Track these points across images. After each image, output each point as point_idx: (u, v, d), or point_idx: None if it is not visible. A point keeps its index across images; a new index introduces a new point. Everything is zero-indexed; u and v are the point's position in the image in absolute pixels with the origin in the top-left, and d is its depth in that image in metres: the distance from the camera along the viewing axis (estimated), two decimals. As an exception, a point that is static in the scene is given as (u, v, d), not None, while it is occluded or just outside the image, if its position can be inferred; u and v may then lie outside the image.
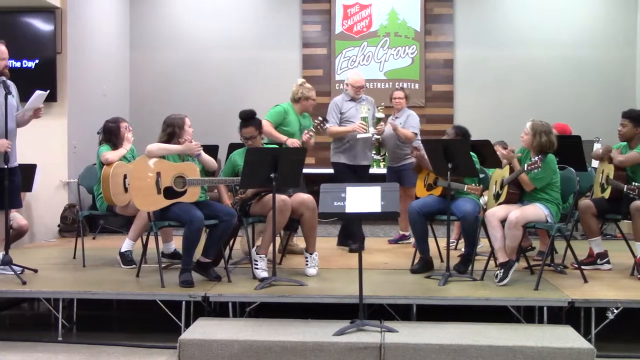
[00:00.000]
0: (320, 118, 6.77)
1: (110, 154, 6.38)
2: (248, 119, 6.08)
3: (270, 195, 5.61)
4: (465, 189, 5.88)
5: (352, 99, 7.19)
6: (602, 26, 10.73)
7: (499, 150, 6.49)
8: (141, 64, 11.04)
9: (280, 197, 5.67)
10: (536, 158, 5.49)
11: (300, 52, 11.00)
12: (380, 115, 7.04)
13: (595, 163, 6.85)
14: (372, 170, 9.22)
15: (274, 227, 5.55)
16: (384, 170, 8.43)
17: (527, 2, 10.88)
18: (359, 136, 6.95)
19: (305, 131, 6.66)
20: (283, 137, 6.63)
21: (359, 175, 7.11)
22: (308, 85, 6.98)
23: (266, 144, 6.48)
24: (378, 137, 7.47)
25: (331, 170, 7.34)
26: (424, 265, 6.04)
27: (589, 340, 4.76)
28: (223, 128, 5.94)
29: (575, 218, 6.23)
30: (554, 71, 10.71)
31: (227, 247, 6.25)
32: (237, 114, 6.12)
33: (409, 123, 7.56)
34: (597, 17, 10.78)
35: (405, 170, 7.47)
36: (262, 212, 5.92)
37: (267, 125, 6.57)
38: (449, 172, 5.68)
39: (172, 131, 5.73)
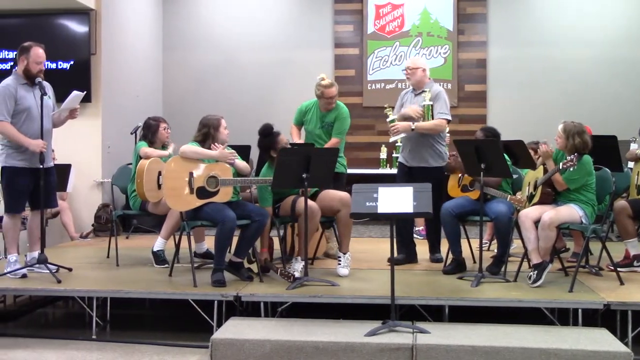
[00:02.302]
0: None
1: (149, 149, 6.43)
2: (269, 135, 5.95)
3: (290, 197, 5.59)
4: (507, 199, 5.79)
5: (413, 89, 6.48)
6: (638, 25, 10.55)
7: (540, 147, 6.33)
8: (174, 65, 11.14)
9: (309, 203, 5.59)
10: (572, 156, 5.43)
11: (332, 52, 10.99)
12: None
13: (631, 164, 6.74)
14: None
15: (305, 228, 5.54)
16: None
17: (562, 1, 10.75)
18: (391, 140, 6.34)
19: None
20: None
21: (414, 177, 6.16)
22: (324, 82, 6.47)
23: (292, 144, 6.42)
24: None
25: (360, 171, 7.26)
26: (456, 266, 6.00)
27: (626, 344, 4.67)
28: (255, 128, 5.93)
29: (611, 219, 6.14)
30: (589, 71, 10.55)
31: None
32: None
33: None
34: (633, 16, 10.59)
35: None
36: (286, 214, 5.90)
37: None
38: (482, 173, 5.64)
39: (207, 132, 5.73)
